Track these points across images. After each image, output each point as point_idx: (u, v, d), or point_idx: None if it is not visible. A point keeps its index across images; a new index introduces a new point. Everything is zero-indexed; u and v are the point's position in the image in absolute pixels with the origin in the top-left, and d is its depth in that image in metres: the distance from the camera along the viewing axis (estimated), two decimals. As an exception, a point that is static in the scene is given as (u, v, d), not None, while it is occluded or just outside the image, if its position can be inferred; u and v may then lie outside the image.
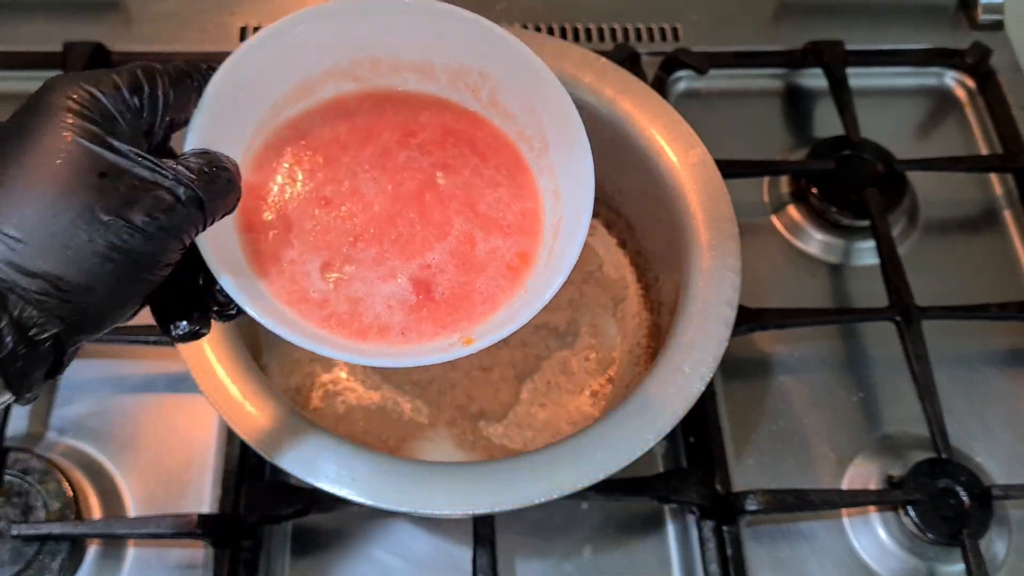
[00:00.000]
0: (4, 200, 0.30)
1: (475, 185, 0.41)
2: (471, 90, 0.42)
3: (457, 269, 0.40)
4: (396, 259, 0.40)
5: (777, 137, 0.77)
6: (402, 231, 0.40)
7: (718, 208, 0.55)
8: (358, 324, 0.39)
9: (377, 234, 0.40)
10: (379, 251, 0.40)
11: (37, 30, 0.78)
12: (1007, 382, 0.66)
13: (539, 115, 0.41)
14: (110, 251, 0.31)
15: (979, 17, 0.83)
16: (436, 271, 0.40)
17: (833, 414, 0.64)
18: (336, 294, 0.39)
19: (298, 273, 0.39)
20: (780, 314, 0.63)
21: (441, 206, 0.41)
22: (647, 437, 0.48)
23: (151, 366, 0.63)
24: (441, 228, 0.41)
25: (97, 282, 0.31)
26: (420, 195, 0.41)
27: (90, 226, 0.31)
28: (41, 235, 0.30)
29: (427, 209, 0.41)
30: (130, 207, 0.31)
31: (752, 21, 0.83)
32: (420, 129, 0.42)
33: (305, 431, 0.48)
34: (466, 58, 0.41)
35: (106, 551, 0.57)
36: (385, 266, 0.40)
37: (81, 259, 0.31)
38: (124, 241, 0.31)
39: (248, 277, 0.38)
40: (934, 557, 0.58)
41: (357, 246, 0.40)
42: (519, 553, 0.58)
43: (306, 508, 0.55)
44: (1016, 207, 0.74)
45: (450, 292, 0.40)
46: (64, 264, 0.30)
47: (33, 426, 0.61)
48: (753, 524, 0.59)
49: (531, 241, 0.41)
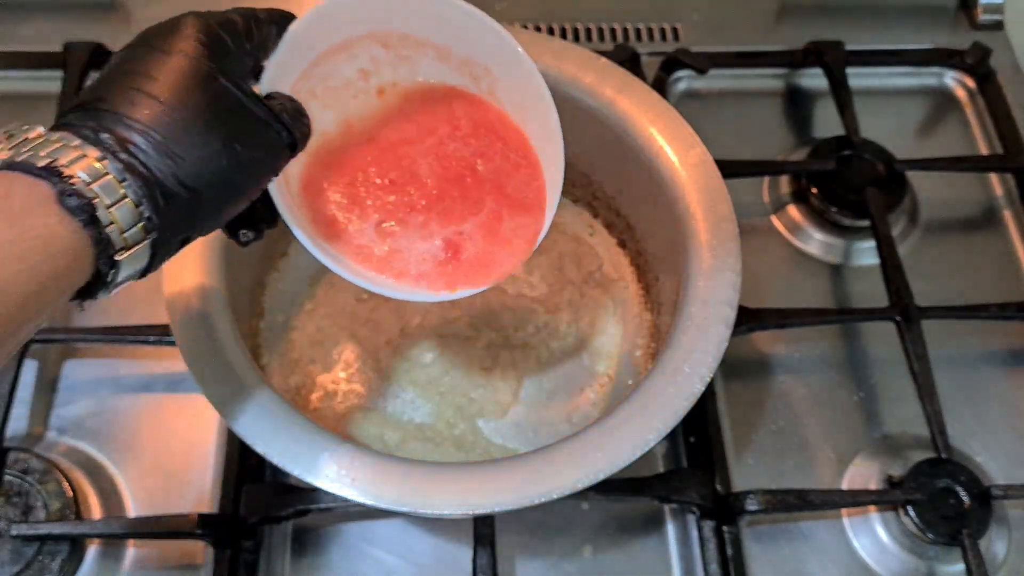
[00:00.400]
0: (171, 126, 0.35)
1: (504, 170, 0.48)
2: (473, 78, 0.48)
3: (484, 240, 0.48)
4: (437, 226, 0.48)
5: (777, 137, 0.78)
6: (446, 206, 0.48)
7: (718, 208, 0.55)
8: (388, 266, 0.47)
9: (427, 207, 0.48)
10: (425, 219, 0.48)
11: (37, 30, 0.78)
12: (1007, 382, 0.66)
13: (525, 110, 0.48)
14: (234, 175, 0.37)
15: (979, 17, 0.83)
16: (466, 238, 0.48)
17: (833, 414, 0.64)
18: (381, 243, 0.47)
19: (356, 228, 0.47)
20: (780, 314, 0.63)
21: (477, 187, 0.48)
22: (647, 437, 0.48)
23: (151, 366, 0.63)
24: (476, 205, 0.48)
25: (221, 200, 0.37)
26: (463, 178, 0.48)
27: (227, 155, 0.36)
28: (193, 157, 0.35)
29: (467, 190, 0.48)
30: (254, 142, 0.37)
31: (752, 21, 0.83)
32: (460, 122, 0.49)
33: (305, 431, 0.48)
34: (476, 54, 0.47)
35: (106, 551, 0.57)
36: (427, 229, 0.47)
37: (215, 181, 0.36)
38: (245, 169, 0.37)
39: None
40: (934, 557, 0.58)
41: (411, 213, 0.48)
42: (519, 553, 0.58)
43: (306, 508, 0.55)
44: (1016, 207, 0.74)
45: (475, 257, 0.47)
46: (204, 183, 0.36)
47: (33, 426, 0.61)
48: (753, 524, 0.59)
49: (543, 216, 0.48)
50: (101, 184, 0.33)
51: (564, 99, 0.60)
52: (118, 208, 0.33)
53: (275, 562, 0.57)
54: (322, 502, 0.55)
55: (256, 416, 0.48)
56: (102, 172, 0.33)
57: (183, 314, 0.51)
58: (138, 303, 0.63)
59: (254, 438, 0.47)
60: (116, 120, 0.34)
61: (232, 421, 0.48)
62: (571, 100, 0.60)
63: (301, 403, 0.59)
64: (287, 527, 0.59)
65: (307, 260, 0.65)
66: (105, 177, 0.33)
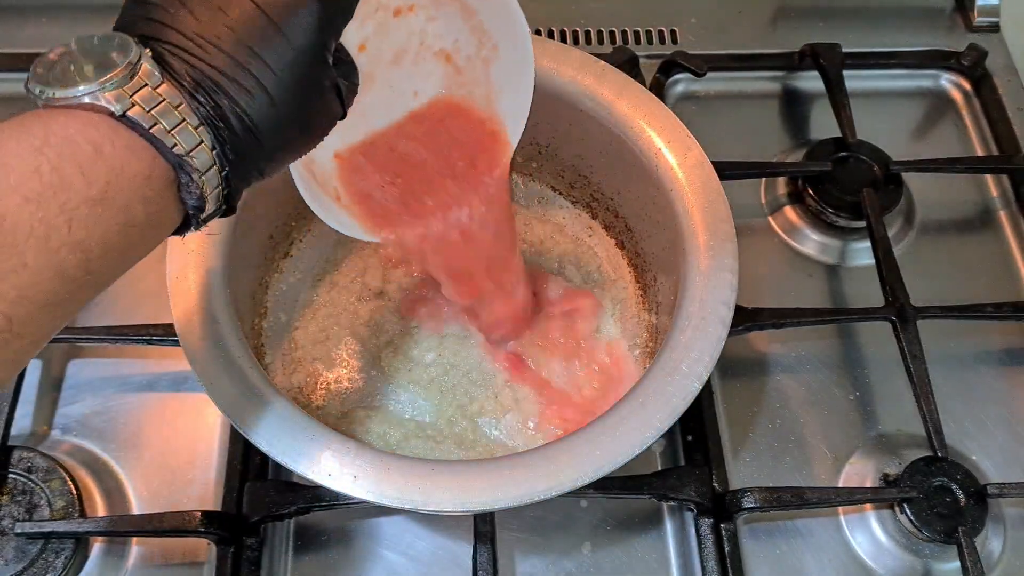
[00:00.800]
0: (271, 95, 0.35)
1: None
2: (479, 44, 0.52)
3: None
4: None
5: (774, 139, 0.78)
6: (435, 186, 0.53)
7: (715, 209, 0.56)
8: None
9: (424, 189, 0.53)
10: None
11: (39, 32, 0.78)
12: (1002, 381, 0.67)
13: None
14: (318, 119, 0.38)
15: (975, 20, 0.84)
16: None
17: (829, 413, 0.64)
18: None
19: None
20: (777, 314, 0.63)
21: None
22: (645, 435, 0.48)
23: (155, 366, 0.64)
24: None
25: (302, 141, 0.38)
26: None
27: (323, 98, 0.37)
28: (272, 117, 0.35)
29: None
30: (337, 88, 0.38)
31: (749, 24, 0.84)
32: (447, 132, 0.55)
33: (308, 429, 0.48)
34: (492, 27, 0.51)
35: (110, 549, 0.58)
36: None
37: (309, 122, 0.37)
38: (327, 111, 0.38)
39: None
40: (930, 555, 0.58)
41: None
42: (519, 550, 0.59)
43: (309, 506, 0.55)
44: (1011, 208, 0.75)
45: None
46: (301, 121, 0.37)
47: (37, 425, 0.62)
48: (750, 521, 0.60)
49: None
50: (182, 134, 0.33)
51: (563, 102, 0.61)
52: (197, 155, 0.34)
53: (277, 559, 0.58)
54: (325, 500, 0.55)
55: (259, 414, 0.48)
56: (190, 125, 0.34)
57: (186, 313, 0.51)
58: (142, 302, 0.64)
59: (257, 436, 0.48)
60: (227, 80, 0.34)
61: (236, 419, 0.48)
62: (570, 103, 0.60)
63: (304, 401, 0.60)
64: (290, 524, 0.59)
65: (310, 260, 0.66)
66: (192, 129, 0.34)
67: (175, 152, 0.33)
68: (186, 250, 0.53)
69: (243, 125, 0.35)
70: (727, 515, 0.58)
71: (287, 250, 0.66)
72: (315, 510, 0.56)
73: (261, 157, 0.36)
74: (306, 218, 0.66)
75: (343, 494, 0.47)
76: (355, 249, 0.66)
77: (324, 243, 0.66)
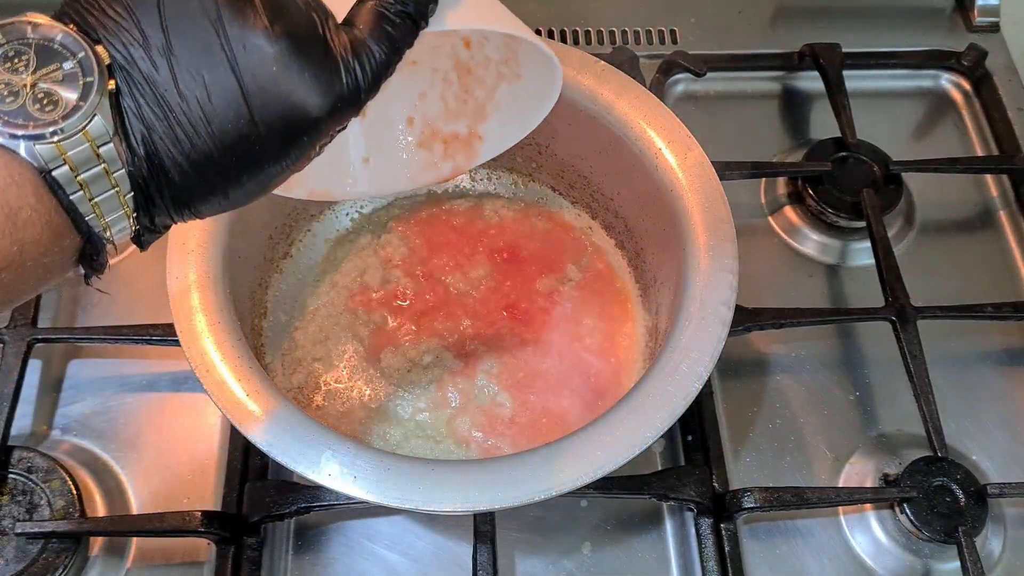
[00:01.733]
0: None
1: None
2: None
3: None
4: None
5: (774, 139, 0.78)
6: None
7: (715, 210, 0.56)
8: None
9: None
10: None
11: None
12: (1002, 381, 0.67)
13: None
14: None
15: (975, 20, 0.84)
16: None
17: (830, 413, 0.64)
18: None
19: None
20: (777, 314, 0.64)
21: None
22: (646, 435, 0.48)
23: (155, 365, 0.64)
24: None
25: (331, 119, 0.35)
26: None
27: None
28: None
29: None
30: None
31: (749, 24, 0.84)
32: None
33: (308, 429, 0.48)
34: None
35: (110, 548, 0.58)
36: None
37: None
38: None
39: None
40: (930, 555, 0.58)
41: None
42: (519, 550, 0.59)
43: (308, 506, 0.55)
44: (1011, 208, 0.75)
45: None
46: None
47: (38, 425, 0.62)
48: (750, 521, 0.60)
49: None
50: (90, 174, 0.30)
51: (563, 102, 0.61)
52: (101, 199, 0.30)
53: (277, 559, 0.58)
54: (324, 499, 0.55)
55: (260, 414, 0.48)
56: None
57: (186, 313, 0.51)
58: (142, 302, 0.64)
59: (257, 436, 0.48)
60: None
61: (236, 419, 0.48)
62: (570, 103, 0.60)
63: (304, 402, 0.60)
64: (290, 524, 0.59)
65: (310, 260, 0.66)
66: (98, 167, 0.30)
67: (89, 223, 0.30)
68: (186, 250, 0.53)
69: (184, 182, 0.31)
70: (727, 515, 0.58)
71: (287, 250, 0.66)
72: (315, 510, 0.56)
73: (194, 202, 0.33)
74: (306, 218, 0.66)
75: (343, 494, 0.47)
76: (355, 249, 0.66)
77: (324, 243, 0.66)
